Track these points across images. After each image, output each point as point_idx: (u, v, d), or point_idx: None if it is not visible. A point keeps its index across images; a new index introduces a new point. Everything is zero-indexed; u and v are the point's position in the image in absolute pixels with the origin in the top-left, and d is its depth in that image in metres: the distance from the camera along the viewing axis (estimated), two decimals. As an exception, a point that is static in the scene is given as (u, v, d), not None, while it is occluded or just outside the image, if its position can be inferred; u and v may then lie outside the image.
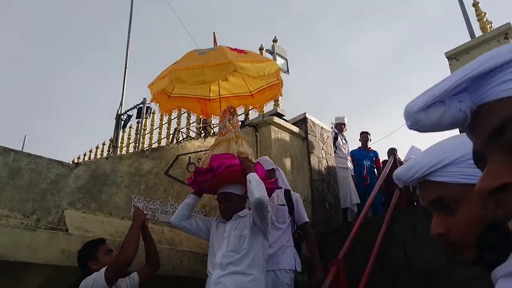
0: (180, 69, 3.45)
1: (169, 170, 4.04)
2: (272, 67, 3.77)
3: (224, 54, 3.51)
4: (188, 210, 3.15)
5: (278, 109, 5.61)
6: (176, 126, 7.10)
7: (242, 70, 3.43)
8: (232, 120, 3.56)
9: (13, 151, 2.98)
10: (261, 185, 2.80)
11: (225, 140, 3.39)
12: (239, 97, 4.38)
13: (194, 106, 4.43)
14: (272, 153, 5.12)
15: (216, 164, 3.00)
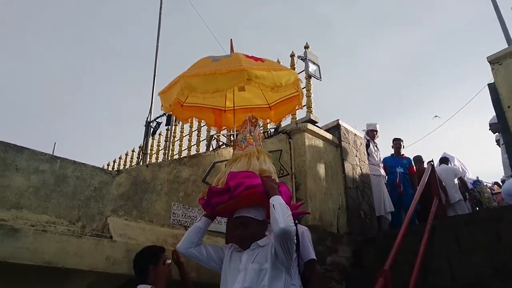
0: (191, 75, 3.19)
1: (207, 178, 4.03)
2: (290, 76, 3.46)
3: (238, 61, 3.23)
4: (198, 236, 2.74)
5: (311, 115, 5.55)
6: (206, 134, 7.13)
7: (257, 79, 3.13)
8: (254, 132, 3.14)
9: (59, 159, 3.02)
10: (287, 211, 2.38)
11: (245, 155, 3.00)
12: (256, 109, 4.02)
13: (208, 116, 4.10)
14: (306, 160, 5.07)
15: (234, 184, 2.61)
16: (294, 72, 3.49)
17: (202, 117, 4.12)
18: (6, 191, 2.72)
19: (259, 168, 2.88)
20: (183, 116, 3.99)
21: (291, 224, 2.34)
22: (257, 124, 3.25)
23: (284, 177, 4.92)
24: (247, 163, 2.92)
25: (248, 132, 3.14)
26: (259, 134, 3.24)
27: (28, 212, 2.76)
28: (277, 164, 4.89)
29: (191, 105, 3.91)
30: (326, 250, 4.49)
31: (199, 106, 3.95)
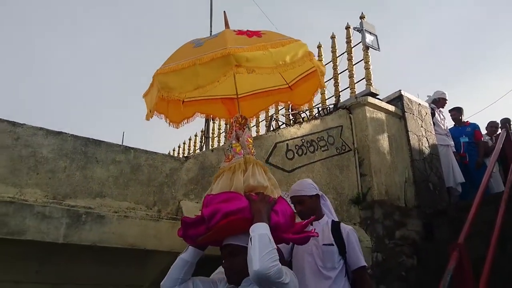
0: (166, 71, 2.41)
1: (269, 158, 4.11)
2: (297, 50, 2.58)
3: (223, 43, 2.40)
4: (183, 271, 2.14)
5: (371, 88, 5.40)
6: (265, 114, 7.20)
7: (249, 62, 2.35)
8: (242, 137, 2.51)
9: (132, 149, 3.24)
10: (267, 246, 1.86)
11: (229, 168, 2.36)
12: (274, 92, 3.23)
13: (217, 109, 3.29)
14: (368, 134, 4.97)
15: (208, 213, 2.09)
16: (303, 43, 2.58)
17: (210, 111, 3.31)
18: (90, 181, 2.98)
19: (246, 184, 2.28)
20: (184, 115, 3.11)
21: (269, 265, 1.81)
22: (247, 126, 2.61)
23: (346, 153, 4.88)
24: (230, 179, 2.31)
25: (234, 138, 2.51)
26: (249, 139, 2.54)
27: (110, 199, 3.01)
28: (339, 141, 4.86)
29: (195, 99, 3.14)
30: (394, 225, 4.43)
31: (205, 98, 3.17)
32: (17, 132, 2.81)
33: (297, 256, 2.70)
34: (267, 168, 2.50)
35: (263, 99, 3.22)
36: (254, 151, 2.52)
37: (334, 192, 4.56)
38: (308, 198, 2.78)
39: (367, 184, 4.78)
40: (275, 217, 2.13)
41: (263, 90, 3.23)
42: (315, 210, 2.74)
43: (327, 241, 2.61)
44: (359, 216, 4.64)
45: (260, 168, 2.42)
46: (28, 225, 2.55)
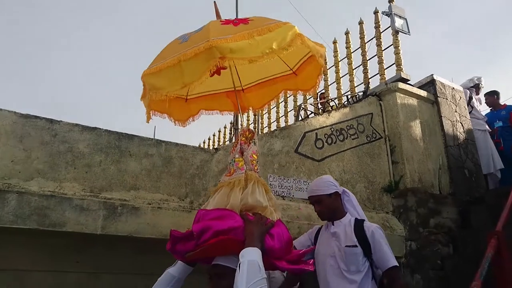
0: (152, 72, 2.32)
1: (299, 148, 4.11)
2: (285, 34, 2.37)
3: (206, 35, 2.26)
4: (168, 286, 2.05)
5: (402, 73, 5.26)
6: (293, 104, 7.16)
7: (234, 53, 2.20)
8: (247, 151, 2.37)
9: (164, 142, 3.31)
10: (255, 276, 1.71)
11: (228, 184, 2.23)
12: (280, 79, 3.05)
13: (222, 103, 3.15)
14: (400, 121, 4.87)
15: (198, 229, 1.96)
16: (291, 26, 2.38)
17: (215, 107, 3.16)
18: (124, 175, 3.07)
19: (243, 202, 2.13)
20: (189, 113, 3.03)
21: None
22: (253, 141, 2.45)
23: (377, 140, 4.80)
24: (227, 196, 2.18)
25: (238, 152, 2.37)
26: (254, 155, 2.39)
27: (144, 192, 3.10)
28: (369, 128, 4.79)
29: (198, 96, 3.05)
30: (429, 213, 4.33)
31: (208, 94, 3.08)
32: (55, 129, 2.93)
33: (318, 258, 2.54)
34: (269, 188, 2.39)
35: (269, 88, 3.08)
36: (258, 168, 2.37)
37: (365, 180, 4.51)
38: (326, 197, 2.59)
39: (399, 171, 4.69)
40: (270, 242, 1.98)
41: (268, 78, 3.07)
42: (336, 209, 2.60)
43: (349, 243, 2.41)
44: (392, 205, 4.57)
45: (261, 187, 2.27)
46: (67, 217, 2.66)
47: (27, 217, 2.55)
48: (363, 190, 4.44)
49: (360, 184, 4.45)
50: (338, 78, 6.25)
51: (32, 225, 2.56)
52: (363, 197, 4.41)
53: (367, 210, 4.36)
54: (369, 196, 4.46)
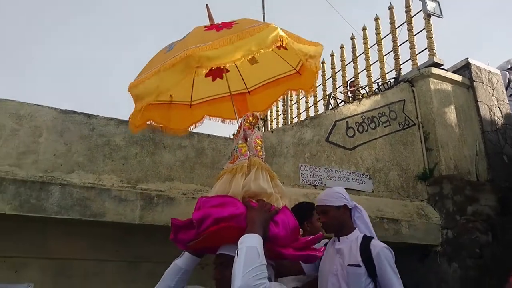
0: (136, 84, 2.30)
1: (329, 137, 4.08)
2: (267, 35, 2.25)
3: (186, 44, 2.24)
4: (176, 278, 1.97)
5: (434, 58, 5.11)
6: (322, 93, 7.10)
7: (211, 61, 2.14)
8: (250, 137, 2.27)
9: (196, 134, 3.37)
10: (253, 262, 1.62)
11: (230, 170, 2.16)
12: (284, 79, 2.97)
13: (226, 109, 3.01)
14: (433, 107, 4.75)
15: (198, 217, 1.89)
16: (274, 27, 2.27)
17: (219, 113, 3.08)
18: (159, 166, 3.16)
19: (245, 189, 2.05)
20: (192, 119, 2.98)
21: (253, 283, 1.57)
22: (257, 126, 2.36)
23: (410, 127, 4.71)
24: (229, 182, 2.11)
25: (241, 138, 2.28)
26: (258, 140, 2.29)
27: (178, 183, 3.17)
28: (401, 115, 4.70)
29: (202, 101, 3.00)
30: (466, 200, 4.22)
31: (213, 98, 3.01)
32: (92, 123, 3.04)
33: (322, 275, 2.38)
34: (275, 174, 2.28)
35: (274, 89, 2.99)
36: (263, 154, 2.28)
37: (399, 168, 4.43)
38: (334, 209, 2.35)
39: (433, 159, 4.59)
40: (274, 229, 1.90)
41: (273, 79, 2.99)
42: (343, 223, 2.34)
43: (353, 261, 2.20)
44: (427, 193, 4.48)
45: (265, 173, 2.17)
46: (107, 207, 2.77)
47: (69, 208, 2.67)
48: (396, 178, 4.37)
49: (393, 172, 4.38)
50: (368, 65, 6.15)
51: (74, 215, 2.67)
52: (397, 185, 4.35)
53: (400, 198, 4.30)
54: (403, 184, 4.39)
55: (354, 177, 4.07)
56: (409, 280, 4.19)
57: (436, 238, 4.12)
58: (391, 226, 3.85)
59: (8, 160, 2.72)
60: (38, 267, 2.91)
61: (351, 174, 4.06)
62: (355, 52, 6.52)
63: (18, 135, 2.81)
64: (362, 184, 4.10)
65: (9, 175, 2.62)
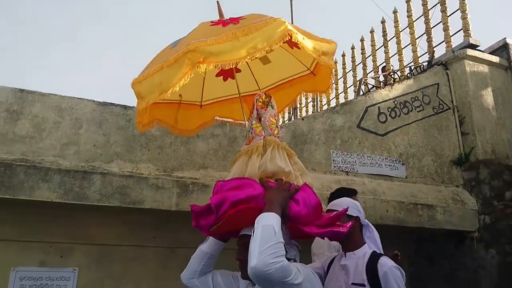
0: (139, 80, 2.24)
1: (361, 123, 4.05)
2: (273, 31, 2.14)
3: (188, 40, 2.15)
4: (202, 263, 1.99)
5: (470, 39, 4.94)
6: (352, 79, 7.01)
7: (214, 56, 2.06)
8: (264, 116, 2.18)
9: (228, 123, 3.42)
10: (269, 240, 1.57)
11: (246, 152, 2.10)
12: (298, 80, 2.86)
13: (236, 110, 2.91)
14: (469, 90, 4.61)
15: (215, 201, 1.85)
16: (282, 22, 2.13)
17: (229, 115, 3.00)
18: (193, 155, 3.24)
19: (262, 169, 1.99)
20: (203, 120, 2.93)
21: (269, 261, 1.51)
22: (270, 104, 2.24)
23: (444, 112, 4.60)
24: (245, 164, 2.06)
25: (255, 118, 2.20)
26: (272, 118, 2.19)
27: (212, 170, 3.25)
28: (435, 99, 4.60)
29: (214, 102, 2.93)
30: (504, 185, 4.11)
31: (225, 99, 2.93)
32: (129, 114, 3.15)
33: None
34: (293, 152, 2.20)
35: (287, 90, 2.88)
36: (280, 132, 2.20)
37: (433, 153, 4.35)
38: (345, 217, 2.10)
39: (469, 143, 4.47)
40: (295, 207, 1.84)
41: (287, 80, 2.88)
42: (351, 236, 2.10)
43: (358, 280, 2.03)
44: (462, 178, 4.38)
45: (282, 151, 2.09)
46: (145, 195, 2.88)
47: (110, 196, 2.79)
48: (430, 164, 4.30)
49: (427, 157, 4.31)
50: (400, 49, 6.01)
51: (115, 203, 2.80)
52: (431, 170, 4.27)
53: (435, 184, 4.23)
54: (437, 170, 4.31)
55: (387, 163, 4.03)
56: (446, 266, 4.15)
57: (472, 224, 4.03)
58: (425, 212, 3.80)
59: (52, 151, 2.87)
60: (82, 253, 3.07)
61: (384, 160, 4.02)
62: (386, 36, 6.38)
63: (60, 127, 2.95)
64: (395, 170, 4.06)
65: (54, 165, 2.76)
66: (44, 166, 2.71)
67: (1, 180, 2.56)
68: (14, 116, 2.87)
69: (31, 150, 2.83)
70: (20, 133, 2.85)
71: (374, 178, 3.91)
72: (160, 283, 3.20)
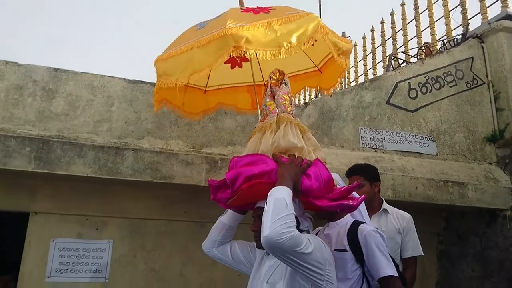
0: (165, 58, 2.26)
1: (391, 99, 3.97)
2: (307, 26, 2.17)
3: (222, 22, 2.12)
4: (221, 234, 2.12)
5: (508, 10, 4.70)
6: (382, 55, 6.83)
7: (249, 43, 2.03)
8: (278, 93, 2.21)
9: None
10: (281, 212, 1.63)
11: (260, 129, 2.15)
12: (303, 76, 2.88)
13: (241, 98, 2.95)
14: (505, 64, 4.42)
15: (230, 176, 1.94)
16: (314, 17, 2.16)
17: (234, 102, 3.00)
18: (221, 132, 3.28)
19: (275, 145, 2.03)
20: (207, 105, 2.92)
21: (281, 231, 1.58)
22: (284, 81, 2.26)
23: (478, 87, 4.44)
24: (259, 141, 2.12)
25: (269, 96, 2.23)
26: (285, 96, 2.21)
27: (240, 147, 3.28)
28: (469, 74, 4.44)
29: (218, 88, 2.92)
30: (540, 163, 3.97)
31: (228, 87, 2.93)
32: (158, 92, 3.20)
33: None
34: (306, 128, 2.21)
35: (292, 84, 2.72)
36: (293, 110, 2.21)
37: (465, 130, 4.23)
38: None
39: (504, 119, 4.32)
40: (307, 182, 1.89)
41: (292, 74, 2.84)
42: None
43: (339, 246, 2.09)
44: (496, 155, 4.26)
45: (295, 127, 2.12)
46: (176, 170, 2.95)
47: (142, 171, 2.88)
48: (462, 141, 4.19)
49: (459, 134, 4.19)
50: (432, 22, 5.79)
51: (147, 178, 2.88)
52: (463, 147, 4.17)
53: (467, 161, 4.13)
54: (469, 147, 4.20)
55: (417, 140, 3.96)
56: (476, 244, 4.08)
57: (505, 202, 3.93)
58: (456, 190, 3.73)
59: (86, 128, 2.97)
60: (116, 226, 3.21)
61: (414, 137, 3.95)
62: (417, 9, 6.15)
63: (93, 105, 3.04)
64: (425, 147, 3.98)
65: (88, 141, 2.86)
66: (79, 143, 2.81)
67: (39, 156, 2.69)
68: (49, 94, 2.98)
69: (67, 127, 2.94)
70: (55, 111, 2.96)
71: (404, 155, 3.85)
72: (190, 256, 3.31)
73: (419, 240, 2.82)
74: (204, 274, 3.33)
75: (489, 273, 3.95)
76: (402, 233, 2.76)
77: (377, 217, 2.80)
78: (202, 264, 3.31)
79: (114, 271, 3.13)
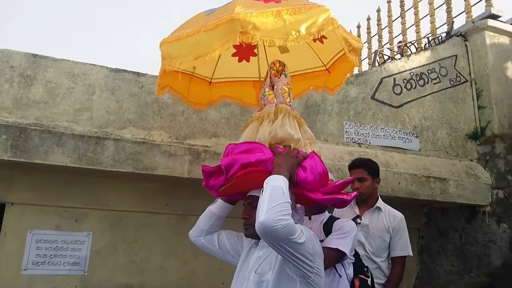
0: (170, 40, 2.23)
1: (375, 94, 3.99)
2: (316, 17, 2.13)
3: (231, 8, 2.10)
4: (209, 223, 2.08)
5: (492, 9, 4.77)
6: (367, 51, 6.86)
7: (257, 30, 2.00)
8: (277, 84, 2.21)
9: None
10: (277, 199, 1.62)
11: (257, 118, 2.15)
12: (311, 75, 2.82)
13: (246, 93, 2.91)
14: (488, 62, 4.49)
15: (226, 163, 1.92)
16: (326, 9, 2.15)
17: (239, 96, 2.94)
18: (205, 123, 3.23)
19: (272, 135, 2.03)
20: (211, 97, 2.87)
21: (277, 218, 1.57)
22: (284, 72, 2.27)
23: (461, 84, 4.49)
24: (256, 129, 2.11)
25: (268, 86, 2.23)
26: (284, 86, 2.23)
27: (224, 139, 3.24)
28: (453, 72, 4.49)
29: (223, 81, 2.85)
30: (520, 160, 4.04)
31: (234, 80, 2.87)
32: (141, 81, 3.13)
33: None
34: (303, 121, 2.22)
35: (298, 83, 2.78)
36: (291, 101, 2.22)
37: (448, 127, 4.28)
38: None
39: (486, 117, 4.38)
40: (302, 174, 1.89)
41: (299, 72, 2.80)
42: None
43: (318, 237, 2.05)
44: (477, 152, 4.33)
45: (292, 119, 2.12)
46: (158, 162, 2.89)
47: (123, 162, 2.81)
48: (445, 137, 4.24)
49: (442, 130, 4.24)
50: (417, 20, 5.84)
51: (128, 169, 2.82)
52: (445, 144, 4.22)
53: (449, 157, 4.18)
54: (451, 143, 4.25)
55: (401, 136, 3.98)
56: (456, 240, 4.14)
57: (485, 198, 4.00)
58: (438, 185, 3.77)
59: (66, 117, 2.89)
60: (96, 218, 3.13)
61: (397, 133, 3.97)
62: (403, 6, 6.19)
63: (73, 93, 2.96)
64: (408, 143, 4.01)
65: (67, 130, 2.78)
66: (58, 131, 2.73)
67: (16, 144, 2.59)
68: (27, 81, 2.88)
69: (45, 115, 2.85)
70: (34, 98, 2.86)
71: (387, 151, 3.87)
72: (172, 249, 3.26)
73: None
74: (185, 267, 3.29)
75: (468, 268, 4.02)
76: (392, 232, 2.75)
77: (369, 214, 2.79)
78: (183, 257, 3.27)
79: (94, 264, 3.06)
